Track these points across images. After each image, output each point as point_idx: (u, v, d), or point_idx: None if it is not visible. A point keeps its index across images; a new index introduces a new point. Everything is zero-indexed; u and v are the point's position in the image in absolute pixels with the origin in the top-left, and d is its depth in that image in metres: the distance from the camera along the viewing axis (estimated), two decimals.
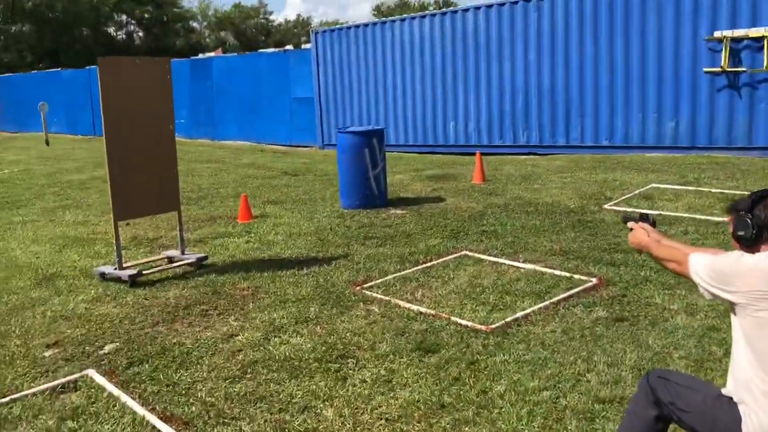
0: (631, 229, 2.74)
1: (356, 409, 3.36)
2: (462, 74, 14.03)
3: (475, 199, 8.47)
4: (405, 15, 15.54)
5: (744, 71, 10.42)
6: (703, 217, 6.75)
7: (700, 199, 7.54)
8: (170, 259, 6.06)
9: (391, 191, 9.17)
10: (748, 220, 2.33)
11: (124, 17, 46.92)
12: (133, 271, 5.52)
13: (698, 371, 3.53)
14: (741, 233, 2.36)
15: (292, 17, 68.54)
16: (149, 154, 5.62)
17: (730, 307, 2.32)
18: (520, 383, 3.52)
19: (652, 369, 2.90)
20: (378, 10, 70.46)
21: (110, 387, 3.67)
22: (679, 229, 6.34)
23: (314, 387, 3.60)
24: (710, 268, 2.32)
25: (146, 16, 46.12)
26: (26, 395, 3.65)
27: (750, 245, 2.34)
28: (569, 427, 3.09)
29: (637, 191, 8.19)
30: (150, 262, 6.08)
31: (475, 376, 3.63)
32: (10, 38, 40.23)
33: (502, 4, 13.34)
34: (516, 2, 13.06)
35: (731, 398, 2.32)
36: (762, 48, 10.14)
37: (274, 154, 15.88)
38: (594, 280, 5.04)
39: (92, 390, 3.68)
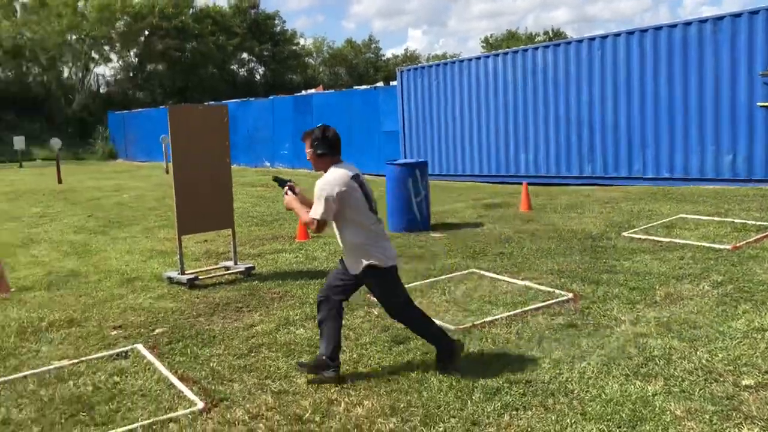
0: (286, 194, 4.28)
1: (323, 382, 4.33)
2: (532, 108, 14.75)
3: (512, 225, 9.21)
4: (480, 54, 16.46)
5: None
6: (706, 244, 7.18)
7: (718, 229, 7.92)
8: (227, 268, 7.30)
9: (439, 217, 10.08)
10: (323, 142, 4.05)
11: (245, 55, 50.78)
12: (191, 276, 6.79)
13: (606, 365, 4.22)
14: (320, 151, 4.05)
15: (408, 50, 71.12)
16: (208, 182, 6.91)
17: (338, 214, 4.05)
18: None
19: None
20: (486, 42, 71.48)
21: (150, 356, 4.85)
22: (676, 255, 6.85)
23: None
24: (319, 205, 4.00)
25: (265, 53, 49.69)
26: (91, 359, 4.90)
27: (326, 158, 4.07)
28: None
29: (662, 221, 8.63)
30: (209, 270, 7.35)
31: (425, 361, 4.50)
32: (145, 78, 44.80)
33: (569, 43, 14.02)
34: (581, 41, 13.69)
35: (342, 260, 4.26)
36: None
37: None
38: (570, 295, 5.73)
39: (137, 358, 4.87)
